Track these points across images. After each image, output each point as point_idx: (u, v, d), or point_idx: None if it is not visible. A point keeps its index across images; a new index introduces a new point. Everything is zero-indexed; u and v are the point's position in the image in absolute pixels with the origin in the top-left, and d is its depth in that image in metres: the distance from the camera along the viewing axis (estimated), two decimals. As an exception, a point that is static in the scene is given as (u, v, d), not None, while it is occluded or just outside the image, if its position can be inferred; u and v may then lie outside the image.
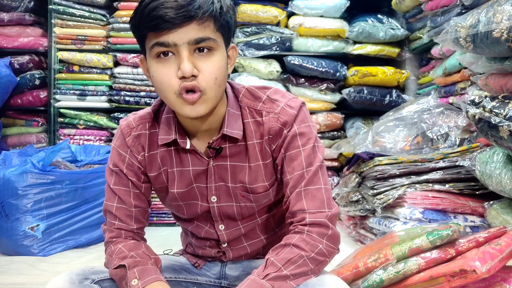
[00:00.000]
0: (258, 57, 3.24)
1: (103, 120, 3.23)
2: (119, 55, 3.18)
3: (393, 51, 3.28)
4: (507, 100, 1.48)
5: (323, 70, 3.18)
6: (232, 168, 1.06)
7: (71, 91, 3.21)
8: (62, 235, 2.41)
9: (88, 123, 3.27)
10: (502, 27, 1.41)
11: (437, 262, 1.18)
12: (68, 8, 3.15)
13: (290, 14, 3.27)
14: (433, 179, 2.02)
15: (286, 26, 3.28)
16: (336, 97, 3.29)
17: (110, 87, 3.23)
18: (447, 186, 2.00)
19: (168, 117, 1.05)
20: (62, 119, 3.28)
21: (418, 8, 2.93)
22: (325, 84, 3.24)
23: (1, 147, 3.12)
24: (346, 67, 3.24)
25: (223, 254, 1.18)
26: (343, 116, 3.31)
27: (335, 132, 3.33)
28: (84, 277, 0.99)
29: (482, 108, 1.54)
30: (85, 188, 2.51)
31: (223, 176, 1.07)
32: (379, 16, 3.24)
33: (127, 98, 3.20)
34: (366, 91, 3.20)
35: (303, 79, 3.26)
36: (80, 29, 3.19)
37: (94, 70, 3.21)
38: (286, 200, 1.02)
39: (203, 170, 1.07)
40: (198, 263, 1.21)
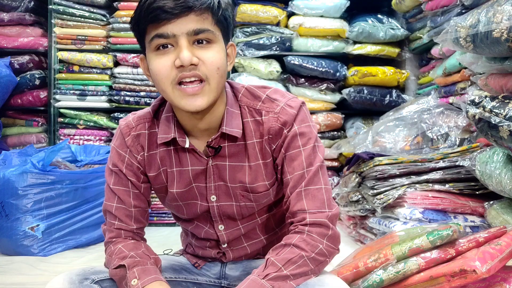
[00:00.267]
0: (258, 57, 3.24)
1: (103, 120, 3.23)
2: (119, 55, 3.18)
3: (393, 51, 3.28)
4: (507, 100, 1.48)
5: (323, 70, 3.18)
6: (231, 168, 1.06)
7: (71, 91, 3.21)
8: (62, 235, 2.41)
9: (88, 123, 3.27)
10: (502, 27, 1.41)
11: (437, 262, 1.18)
12: (68, 8, 3.15)
13: (290, 14, 3.27)
14: (433, 179, 2.02)
15: (286, 26, 3.28)
16: (336, 97, 3.29)
17: (110, 87, 3.23)
18: (447, 186, 2.00)
19: (168, 116, 1.05)
20: (62, 119, 3.28)
21: (418, 8, 2.92)
22: (325, 84, 3.24)
23: (1, 147, 3.12)
24: (346, 67, 3.24)
25: (223, 255, 1.18)
26: (343, 116, 3.31)
27: (335, 132, 3.33)
28: (84, 277, 1.00)
29: (482, 108, 1.54)
30: (85, 188, 2.51)
31: (222, 175, 1.07)
32: (379, 16, 3.24)
33: (127, 98, 3.20)
34: (366, 91, 3.20)
35: (303, 79, 3.26)
36: (80, 29, 3.19)
37: (94, 70, 3.21)
38: (286, 200, 1.02)
39: (202, 170, 1.06)
40: (198, 263, 1.21)
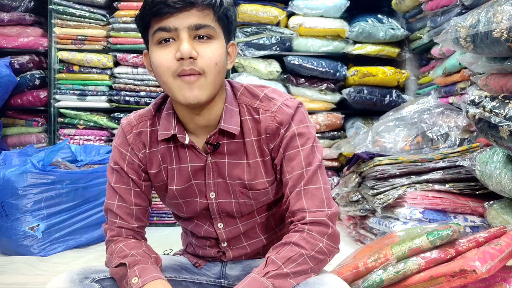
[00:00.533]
0: (258, 57, 3.24)
1: (103, 120, 3.23)
2: (119, 55, 3.18)
3: (393, 51, 3.28)
4: (507, 100, 1.48)
5: (323, 70, 3.18)
6: (230, 165, 1.07)
7: (71, 91, 3.21)
8: (62, 235, 2.41)
9: (88, 123, 3.26)
10: (502, 27, 1.41)
11: (437, 262, 1.18)
12: (68, 8, 3.15)
13: (290, 14, 3.27)
14: (433, 179, 2.02)
15: (286, 26, 3.28)
16: (336, 97, 3.29)
17: (110, 87, 3.23)
18: (447, 186, 2.00)
19: (168, 113, 1.07)
20: (62, 119, 3.28)
21: (418, 8, 2.93)
22: (325, 84, 3.24)
23: (1, 147, 3.11)
24: (346, 67, 3.24)
25: (223, 254, 1.18)
26: (343, 116, 3.31)
27: (335, 132, 3.33)
28: (84, 276, 1.00)
29: (482, 108, 1.54)
30: (85, 188, 2.51)
31: (221, 172, 1.07)
32: (379, 16, 3.24)
33: (127, 98, 3.20)
34: (366, 91, 3.20)
35: (303, 79, 3.26)
36: (80, 29, 3.19)
37: (94, 70, 3.21)
38: (286, 200, 1.03)
39: (201, 167, 1.07)
40: (198, 263, 1.21)
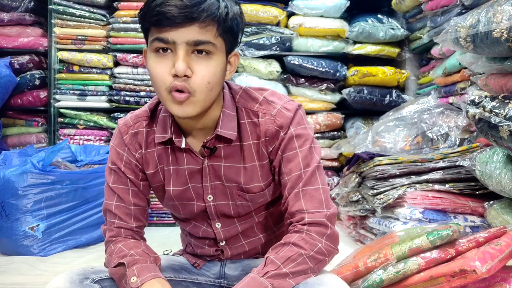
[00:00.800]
0: (258, 57, 3.24)
1: (103, 120, 3.23)
2: (119, 55, 3.18)
3: (393, 51, 3.28)
4: (507, 100, 1.48)
5: (323, 70, 3.18)
6: (227, 168, 1.07)
7: (71, 91, 3.21)
8: (62, 235, 2.41)
9: (88, 123, 3.27)
10: (502, 27, 1.41)
11: (437, 262, 1.18)
12: (68, 8, 3.15)
13: (290, 14, 3.27)
14: (433, 179, 2.02)
15: (286, 26, 3.28)
16: (336, 97, 3.29)
17: (110, 87, 3.23)
18: (447, 186, 2.00)
19: (165, 116, 1.06)
20: (62, 119, 3.28)
21: (418, 8, 2.92)
22: (325, 84, 3.24)
23: (1, 147, 3.11)
24: (346, 67, 3.24)
25: (221, 252, 1.18)
26: (343, 116, 3.31)
27: (335, 132, 3.33)
28: (84, 276, 1.00)
29: (482, 108, 1.54)
30: (85, 188, 2.51)
31: (218, 175, 1.07)
32: (379, 16, 3.24)
33: (127, 98, 3.20)
34: (366, 91, 3.20)
35: (303, 79, 3.26)
36: (80, 29, 3.19)
37: (94, 70, 3.21)
38: (284, 201, 1.03)
39: (198, 169, 1.07)
40: (197, 263, 1.21)
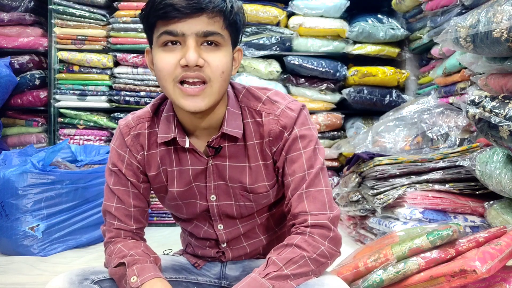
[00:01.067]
0: (258, 57, 3.24)
1: (103, 120, 3.23)
2: (119, 55, 3.18)
3: (393, 51, 3.28)
4: (507, 100, 1.48)
5: (323, 70, 3.18)
6: (232, 168, 1.06)
7: (71, 91, 3.21)
8: (62, 235, 2.41)
9: (88, 123, 3.26)
10: (502, 27, 1.41)
11: (437, 262, 1.18)
12: (68, 8, 3.15)
13: (290, 14, 3.27)
14: (433, 179, 2.02)
15: (286, 26, 3.28)
16: (336, 97, 3.29)
17: (110, 87, 3.23)
18: (447, 186, 2.00)
19: (168, 115, 1.05)
20: (62, 119, 3.28)
21: (418, 8, 2.92)
22: (325, 84, 3.24)
23: (1, 147, 3.11)
24: (346, 67, 3.24)
25: (222, 254, 1.18)
26: (343, 116, 3.31)
27: (335, 132, 3.33)
28: (84, 277, 1.00)
29: (482, 108, 1.54)
30: (85, 188, 2.51)
31: (222, 175, 1.07)
32: (379, 16, 3.24)
33: (127, 98, 3.20)
34: (366, 91, 3.20)
35: (303, 79, 3.26)
36: (80, 29, 3.19)
37: (94, 70, 3.21)
38: (287, 202, 1.02)
39: (202, 170, 1.06)
40: (198, 263, 1.21)
